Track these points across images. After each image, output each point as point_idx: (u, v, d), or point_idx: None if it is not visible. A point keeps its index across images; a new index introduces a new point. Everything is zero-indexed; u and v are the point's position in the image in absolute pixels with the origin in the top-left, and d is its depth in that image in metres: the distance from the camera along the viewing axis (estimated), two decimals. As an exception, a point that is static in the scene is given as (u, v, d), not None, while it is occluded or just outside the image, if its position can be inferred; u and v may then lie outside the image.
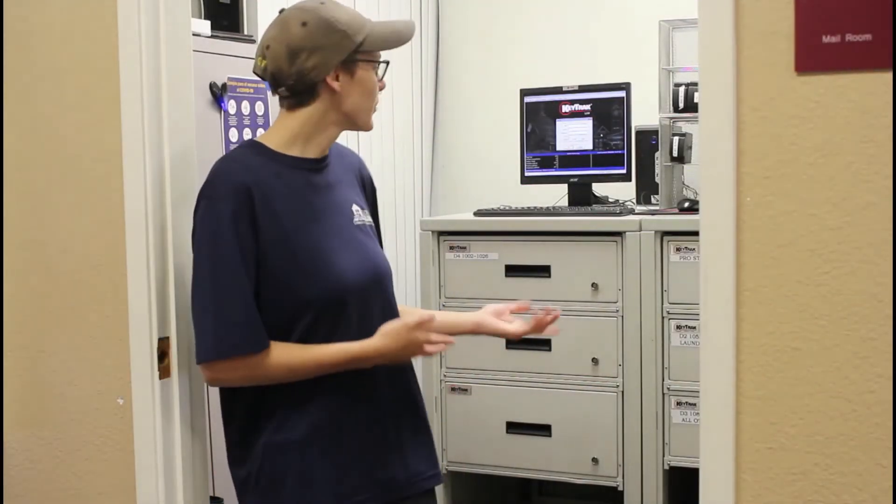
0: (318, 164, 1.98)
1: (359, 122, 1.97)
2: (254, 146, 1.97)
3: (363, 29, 1.91)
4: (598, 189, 3.63)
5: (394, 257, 3.84)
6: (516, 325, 2.19)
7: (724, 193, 1.61)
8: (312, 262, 1.90)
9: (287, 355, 1.87)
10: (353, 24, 1.91)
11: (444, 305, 3.37)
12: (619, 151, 3.52)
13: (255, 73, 1.98)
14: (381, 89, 1.98)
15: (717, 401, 1.64)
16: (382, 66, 1.97)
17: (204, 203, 1.87)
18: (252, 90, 3.04)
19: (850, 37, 1.52)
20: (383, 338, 1.89)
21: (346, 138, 3.81)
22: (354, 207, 2.01)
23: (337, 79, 1.90)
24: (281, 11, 1.93)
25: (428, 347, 1.90)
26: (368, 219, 2.05)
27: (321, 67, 1.88)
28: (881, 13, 1.50)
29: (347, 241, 1.95)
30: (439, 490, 3.44)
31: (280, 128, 1.97)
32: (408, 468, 2.00)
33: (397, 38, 1.96)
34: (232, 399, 1.95)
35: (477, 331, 2.18)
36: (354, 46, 1.90)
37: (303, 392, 1.90)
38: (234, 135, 2.98)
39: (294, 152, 1.95)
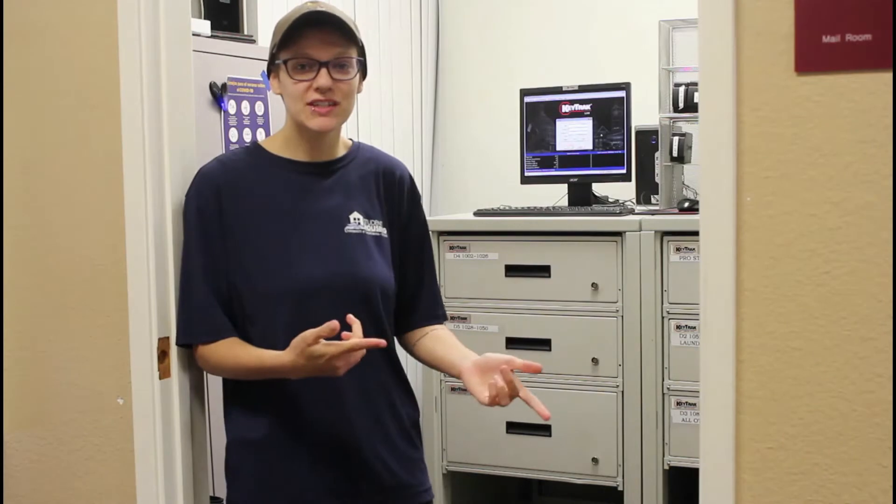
0: (313, 168, 1.99)
1: (300, 125, 1.94)
2: (250, 148, 2.05)
3: (279, 30, 1.93)
4: (598, 189, 3.63)
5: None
6: (486, 394, 1.86)
7: (724, 193, 1.61)
8: (260, 263, 1.93)
9: (227, 354, 1.93)
10: (277, 27, 1.95)
11: (444, 305, 3.37)
12: (619, 151, 3.52)
13: None
14: (317, 89, 1.88)
15: (717, 401, 1.64)
16: (294, 64, 1.89)
17: (185, 199, 2.00)
18: (252, 90, 3.04)
19: (850, 37, 1.52)
20: (290, 351, 1.82)
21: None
22: (354, 215, 1.98)
23: (273, 83, 1.98)
24: None
25: (334, 361, 1.78)
26: (376, 228, 1.99)
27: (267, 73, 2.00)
28: (881, 13, 1.50)
29: (319, 246, 1.94)
30: (439, 490, 3.45)
31: (280, 131, 2.04)
32: (377, 480, 1.97)
33: (286, 21, 1.90)
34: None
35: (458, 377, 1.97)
36: (274, 51, 1.94)
37: (264, 393, 1.95)
38: (234, 135, 2.97)
39: (287, 154, 1.99)
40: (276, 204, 1.95)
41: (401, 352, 2.12)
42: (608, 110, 3.53)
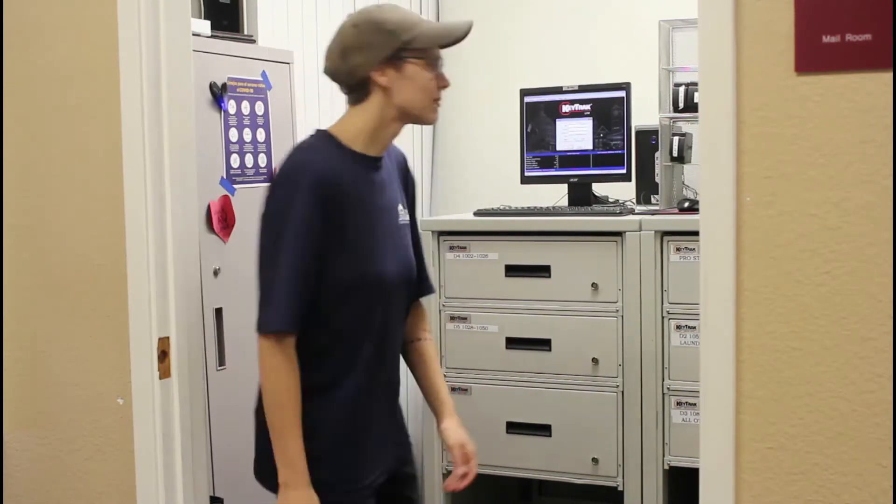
0: (377, 163, 2.05)
1: (416, 116, 2.05)
2: (328, 138, 2.02)
3: (413, 28, 2.00)
4: (598, 189, 3.63)
5: (394, 257, 3.84)
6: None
7: (724, 193, 1.61)
8: (362, 259, 1.97)
9: (283, 384, 1.92)
10: (403, 24, 2.01)
11: (444, 306, 3.37)
12: (619, 151, 3.52)
13: (325, 73, 2.09)
14: (443, 87, 2.06)
15: (717, 401, 1.64)
16: (433, 61, 2.04)
17: (285, 188, 1.93)
18: (252, 90, 3.04)
19: (850, 37, 1.52)
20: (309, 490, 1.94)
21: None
22: (399, 207, 2.09)
23: (384, 74, 1.99)
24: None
25: None
26: (408, 217, 2.14)
27: (366, 64, 1.99)
28: (881, 13, 1.50)
29: (394, 240, 2.05)
30: (439, 489, 3.45)
31: (347, 123, 2.04)
32: (405, 446, 2.23)
33: (448, 34, 2.04)
34: None
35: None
36: (400, 44, 1.98)
37: (333, 376, 1.99)
38: (234, 135, 2.97)
39: (358, 148, 2.01)
40: (364, 201, 1.99)
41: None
42: (608, 110, 3.53)
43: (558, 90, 3.61)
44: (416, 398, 3.92)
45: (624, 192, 3.67)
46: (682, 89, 3.39)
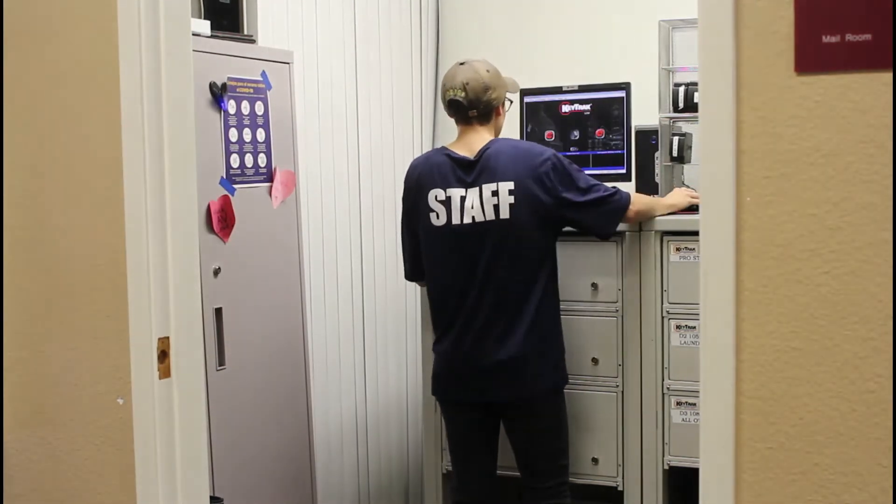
0: None
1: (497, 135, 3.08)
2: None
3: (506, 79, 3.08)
4: (598, 189, 3.62)
5: (395, 257, 3.84)
6: None
7: (724, 193, 1.61)
8: None
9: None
10: (505, 77, 3.08)
11: (444, 305, 3.37)
12: (619, 151, 3.52)
13: (453, 99, 2.98)
14: None
15: (717, 401, 1.64)
16: (508, 104, 3.11)
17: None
18: (252, 90, 3.04)
19: (850, 37, 1.52)
20: None
21: (344, 137, 3.81)
22: None
23: (502, 107, 3.06)
24: (461, 63, 3.01)
25: None
26: None
27: (498, 99, 3.02)
28: (881, 13, 1.50)
29: None
30: (439, 489, 3.45)
31: (481, 138, 3.00)
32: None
33: (516, 88, 3.23)
34: None
35: None
36: (508, 90, 3.06)
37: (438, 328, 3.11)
38: (234, 135, 2.97)
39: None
40: None
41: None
42: (608, 110, 3.53)
43: (558, 90, 3.61)
44: (416, 398, 3.92)
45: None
46: (682, 89, 3.39)
